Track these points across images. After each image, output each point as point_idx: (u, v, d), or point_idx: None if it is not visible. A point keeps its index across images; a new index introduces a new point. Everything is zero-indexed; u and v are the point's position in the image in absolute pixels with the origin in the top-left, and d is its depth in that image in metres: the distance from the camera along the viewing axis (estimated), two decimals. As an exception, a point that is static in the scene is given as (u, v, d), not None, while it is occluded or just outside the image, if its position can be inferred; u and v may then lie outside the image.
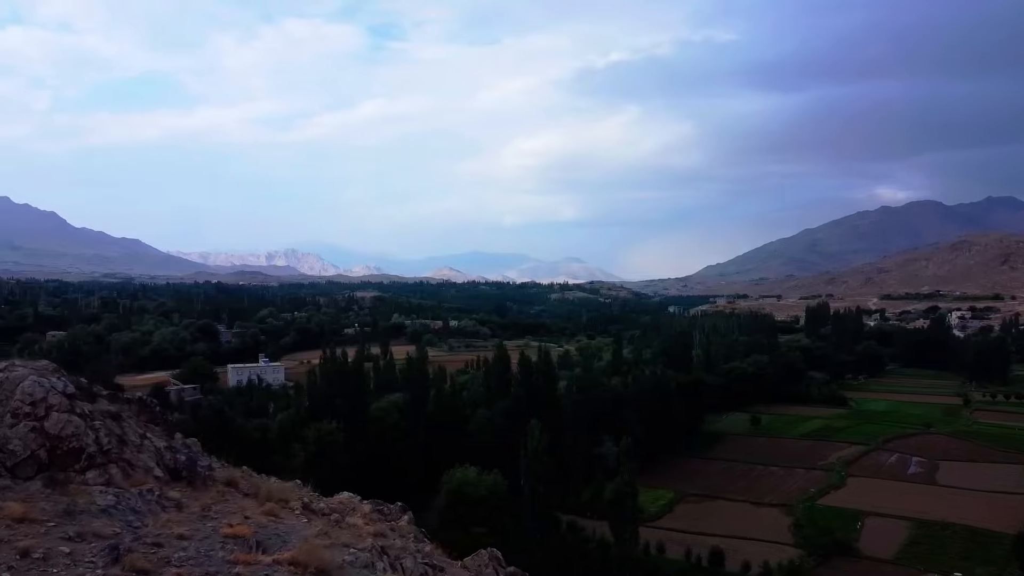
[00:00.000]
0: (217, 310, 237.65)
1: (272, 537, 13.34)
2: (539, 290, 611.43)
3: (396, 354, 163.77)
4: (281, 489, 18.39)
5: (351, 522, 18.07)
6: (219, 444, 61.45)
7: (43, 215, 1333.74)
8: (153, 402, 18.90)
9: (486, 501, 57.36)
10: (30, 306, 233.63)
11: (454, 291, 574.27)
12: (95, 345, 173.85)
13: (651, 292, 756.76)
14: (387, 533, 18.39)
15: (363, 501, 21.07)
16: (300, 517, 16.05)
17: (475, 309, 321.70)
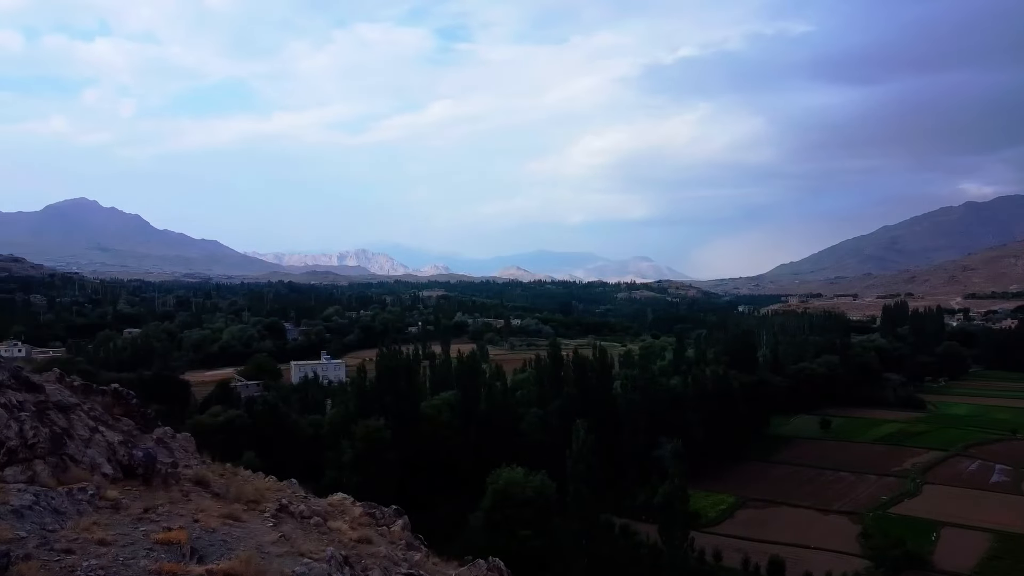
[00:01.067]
0: (285, 308, 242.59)
1: (216, 544, 11.97)
2: (606, 289, 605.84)
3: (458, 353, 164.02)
4: (258, 489, 17.13)
5: (334, 526, 16.68)
6: (272, 438, 61.09)
7: (128, 218, 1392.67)
8: (129, 394, 17.91)
9: (533, 502, 55.76)
10: (110, 305, 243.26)
11: (520, 290, 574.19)
12: (167, 342, 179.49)
13: (721, 292, 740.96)
14: (373, 539, 16.92)
15: (355, 503, 19.71)
16: (268, 521, 14.69)
17: (539, 308, 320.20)
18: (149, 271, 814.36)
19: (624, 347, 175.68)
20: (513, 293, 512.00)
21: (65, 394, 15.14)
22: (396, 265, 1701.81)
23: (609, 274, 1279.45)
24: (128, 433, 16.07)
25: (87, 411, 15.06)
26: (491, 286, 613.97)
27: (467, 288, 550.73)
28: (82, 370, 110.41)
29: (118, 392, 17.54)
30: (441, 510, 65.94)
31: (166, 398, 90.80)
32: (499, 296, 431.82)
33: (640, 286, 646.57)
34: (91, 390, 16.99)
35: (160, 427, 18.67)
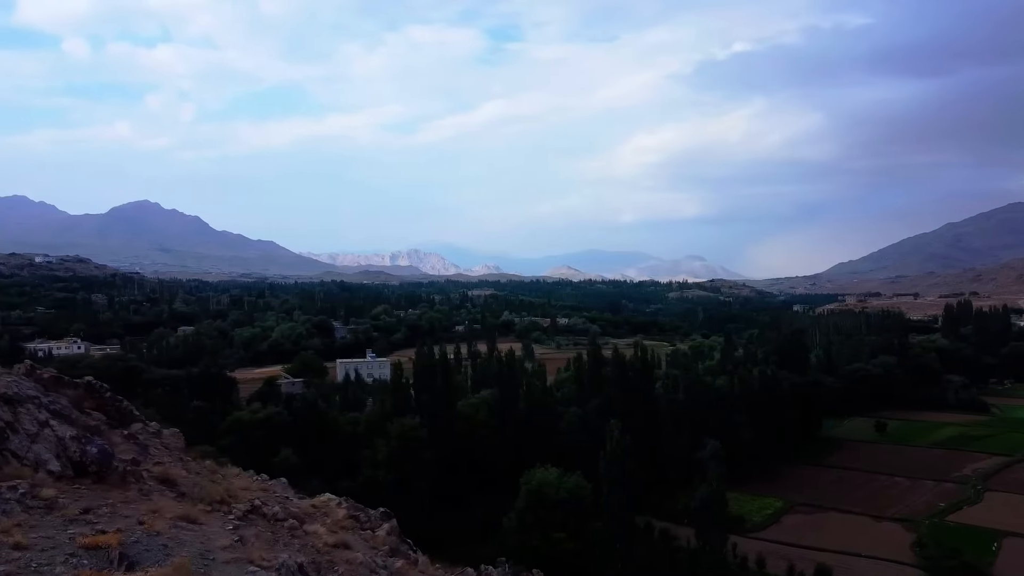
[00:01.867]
0: (334, 307, 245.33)
1: (155, 549, 11.04)
2: (657, 288, 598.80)
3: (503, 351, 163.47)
4: (230, 489, 16.26)
5: (310, 529, 15.72)
6: (309, 436, 60.75)
7: (188, 219, 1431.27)
8: (103, 387, 17.22)
9: (566, 504, 54.41)
10: (166, 303, 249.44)
11: (570, 289, 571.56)
12: (219, 339, 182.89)
13: (776, 291, 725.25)
14: (351, 544, 15.91)
15: (341, 505, 18.75)
16: (230, 523, 13.76)
17: (588, 307, 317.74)
18: (208, 271, 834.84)
19: (673, 347, 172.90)
20: (563, 292, 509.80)
21: (24, 386, 14.45)
22: (448, 265, 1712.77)
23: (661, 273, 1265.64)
24: (93, 428, 15.30)
25: (46, 404, 14.31)
26: (541, 285, 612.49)
27: (517, 287, 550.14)
28: (132, 366, 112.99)
29: (91, 385, 16.86)
30: (476, 510, 65.13)
31: (212, 394, 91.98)
32: (548, 296, 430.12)
33: (692, 285, 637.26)
34: (61, 383, 16.33)
35: (140, 422, 17.98)
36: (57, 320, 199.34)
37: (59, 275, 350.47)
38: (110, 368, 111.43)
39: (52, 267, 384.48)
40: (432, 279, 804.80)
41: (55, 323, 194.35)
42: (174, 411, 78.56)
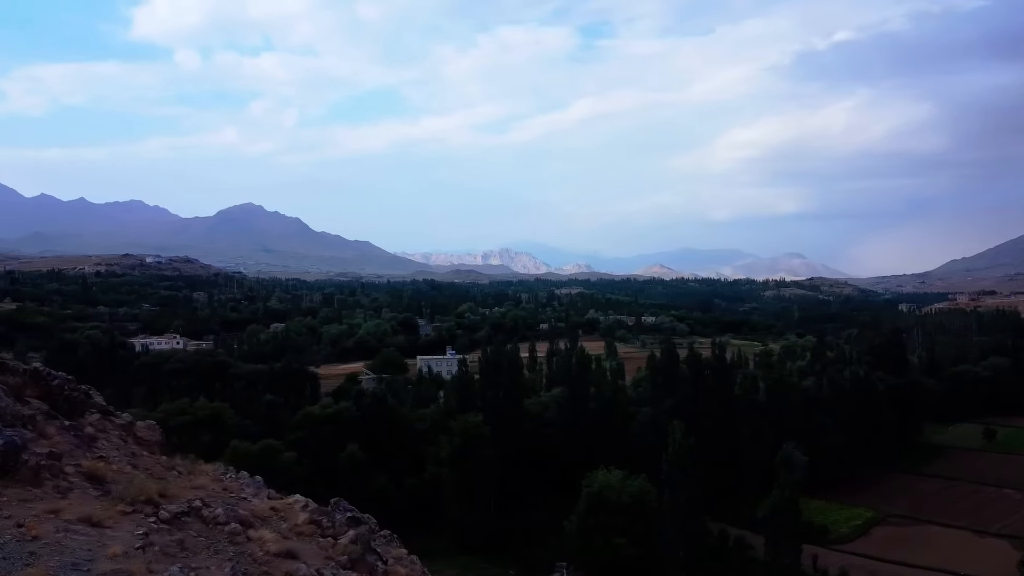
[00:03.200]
0: (420, 305, 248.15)
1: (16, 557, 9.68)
2: (752, 287, 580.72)
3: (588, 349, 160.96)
4: (168, 488, 14.85)
5: (255, 535, 14.06)
6: (377, 431, 60.20)
7: (289, 221, 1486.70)
8: (51, 374, 16.12)
9: (629, 509, 51.85)
10: (262, 301, 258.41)
11: (661, 288, 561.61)
12: (308, 336, 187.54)
13: (881, 290, 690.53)
14: (301, 553, 14.16)
15: (306, 507, 17.15)
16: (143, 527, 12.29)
17: (677, 306, 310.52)
18: (307, 271, 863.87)
19: (764, 346, 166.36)
20: (653, 291, 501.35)
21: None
22: (538, 264, 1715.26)
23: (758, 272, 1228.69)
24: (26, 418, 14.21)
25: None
26: (631, 284, 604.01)
27: (606, 286, 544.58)
28: (219, 361, 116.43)
29: (37, 372, 15.78)
30: (541, 511, 63.33)
31: (293, 389, 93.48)
32: (639, 294, 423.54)
33: (790, 283, 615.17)
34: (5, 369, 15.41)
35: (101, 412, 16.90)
36: (160, 317, 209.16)
37: (167, 274, 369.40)
38: (199, 362, 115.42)
39: (161, 267, 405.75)
40: (522, 278, 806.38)
41: (158, 319, 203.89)
42: (249, 405, 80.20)
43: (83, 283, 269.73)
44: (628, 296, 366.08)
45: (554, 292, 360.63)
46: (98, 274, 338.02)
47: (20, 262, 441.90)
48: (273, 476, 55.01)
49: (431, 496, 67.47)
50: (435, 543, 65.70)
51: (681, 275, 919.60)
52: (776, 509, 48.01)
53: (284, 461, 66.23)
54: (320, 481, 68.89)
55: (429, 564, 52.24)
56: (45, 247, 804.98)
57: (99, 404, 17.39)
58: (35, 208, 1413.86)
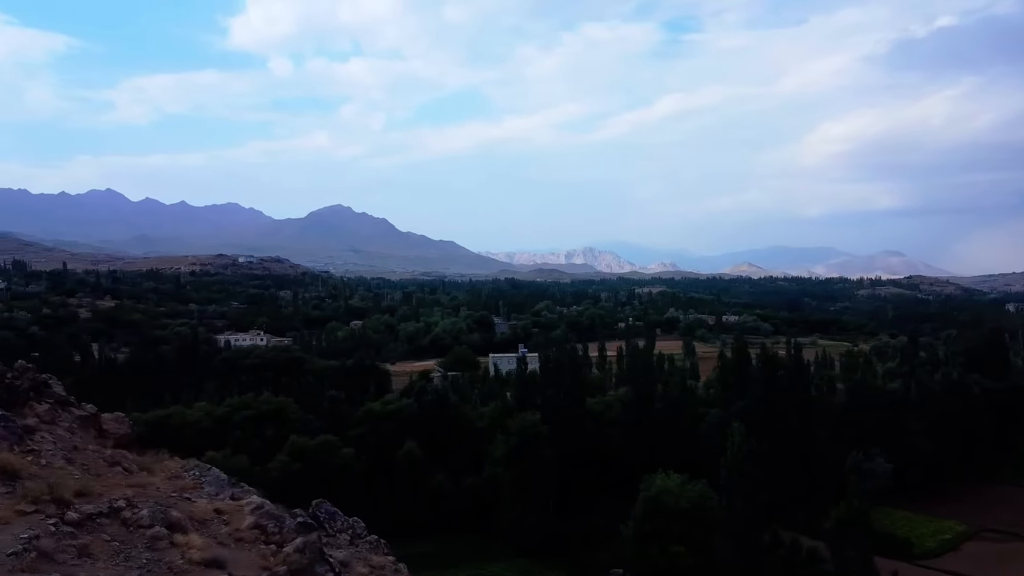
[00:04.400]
0: (497, 303, 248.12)
1: None
2: (845, 286, 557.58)
3: (666, 348, 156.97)
4: (87, 486, 13.68)
5: (181, 541, 12.73)
6: (436, 429, 59.20)
7: (376, 222, 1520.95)
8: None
9: (688, 515, 49.08)
10: (344, 299, 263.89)
11: (747, 287, 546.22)
12: (385, 333, 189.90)
13: (987, 288, 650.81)
14: (229, 561, 12.74)
15: (254, 511, 15.75)
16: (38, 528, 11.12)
17: (763, 305, 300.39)
18: (392, 270, 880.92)
19: (854, 347, 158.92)
20: (739, 290, 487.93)
21: None
22: (622, 263, 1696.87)
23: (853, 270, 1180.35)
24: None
25: None
26: (716, 283, 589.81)
27: (691, 285, 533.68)
28: (295, 357, 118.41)
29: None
30: (600, 514, 61.06)
31: (360, 386, 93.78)
32: (724, 293, 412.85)
33: (886, 282, 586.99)
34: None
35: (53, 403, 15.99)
36: (246, 314, 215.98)
37: (257, 273, 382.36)
38: (276, 358, 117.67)
39: (252, 266, 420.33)
40: (604, 277, 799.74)
41: (244, 317, 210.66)
42: (314, 401, 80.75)
43: (177, 282, 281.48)
44: (711, 295, 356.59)
45: (634, 291, 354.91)
46: (193, 273, 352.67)
47: (125, 262, 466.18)
48: (330, 472, 54.05)
49: (489, 496, 66.16)
50: (492, 544, 64.43)
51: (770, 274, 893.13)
52: (843, 520, 44.41)
53: (342, 457, 66.16)
54: (378, 478, 68.71)
55: (484, 566, 50.37)
56: (149, 248, 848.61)
57: (57, 395, 16.41)
58: (140, 212, 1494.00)
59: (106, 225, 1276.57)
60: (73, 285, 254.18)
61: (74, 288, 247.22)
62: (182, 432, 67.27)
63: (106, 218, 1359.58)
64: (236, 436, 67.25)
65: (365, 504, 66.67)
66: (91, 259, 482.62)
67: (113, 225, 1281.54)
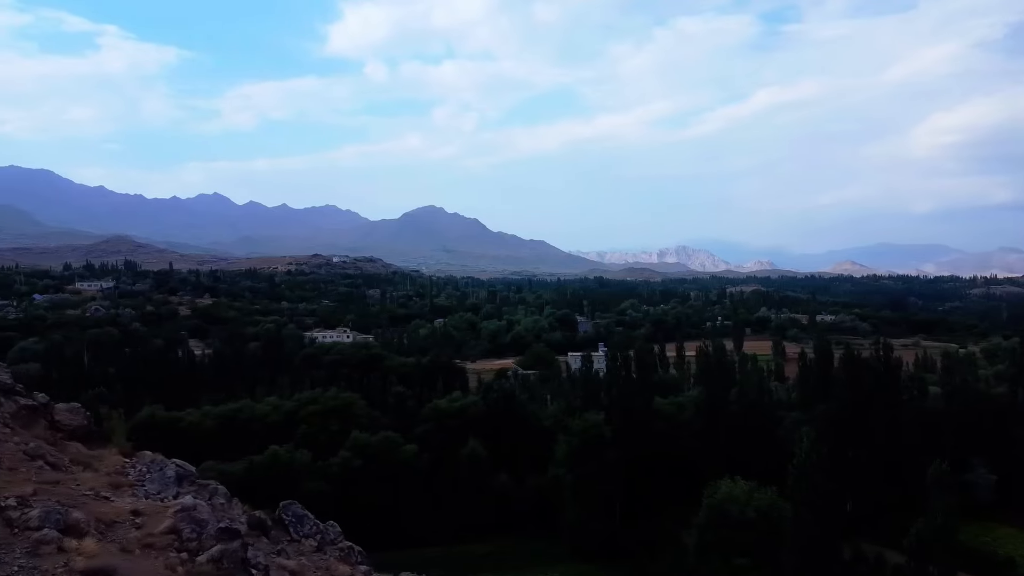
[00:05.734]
0: (581, 302, 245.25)
1: None
2: (956, 285, 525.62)
3: (755, 349, 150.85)
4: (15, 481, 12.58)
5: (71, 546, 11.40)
6: (502, 427, 57.65)
7: (468, 222, 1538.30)
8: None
9: (755, 525, 45.74)
10: (430, 298, 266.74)
11: (849, 285, 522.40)
12: (466, 331, 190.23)
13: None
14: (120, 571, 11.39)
15: (176, 513, 14.29)
16: None
17: (863, 304, 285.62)
18: (483, 270, 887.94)
19: (962, 349, 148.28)
20: (839, 289, 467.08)
21: None
22: (717, 261, 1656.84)
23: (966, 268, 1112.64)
24: None
25: None
26: (815, 281, 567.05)
27: (788, 284, 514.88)
28: (374, 354, 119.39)
29: None
30: (667, 520, 58.15)
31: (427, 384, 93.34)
32: (822, 292, 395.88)
33: (1003, 281, 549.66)
34: None
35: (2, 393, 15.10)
36: (334, 312, 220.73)
37: (349, 273, 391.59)
38: (355, 354, 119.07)
39: (345, 266, 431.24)
40: (697, 275, 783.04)
41: (332, 314, 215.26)
42: (382, 397, 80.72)
43: (271, 281, 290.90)
44: (807, 294, 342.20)
45: (725, 290, 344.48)
46: (288, 273, 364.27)
47: (228, 263, 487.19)
48: (391, 469, 52.78)
49: (552, 497, 64.19)
50: (554, 547, 62.39)
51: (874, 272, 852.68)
52: (923, 536, 40.13)
53: (404, 454, 65.50)
54: (441, 476, 67.74)
55: (545, 569, 47.68)
56: (252, 249, 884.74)
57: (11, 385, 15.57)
58: (245, 214, 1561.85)
59: (213, 228, 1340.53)
60: (176, 284, 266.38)
61: (176, 287, 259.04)
62: (250, 426, 68.29)
63: (213, 221, 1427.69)
64: (302, 431, 67.63)
65: (426, 502, 66.05)
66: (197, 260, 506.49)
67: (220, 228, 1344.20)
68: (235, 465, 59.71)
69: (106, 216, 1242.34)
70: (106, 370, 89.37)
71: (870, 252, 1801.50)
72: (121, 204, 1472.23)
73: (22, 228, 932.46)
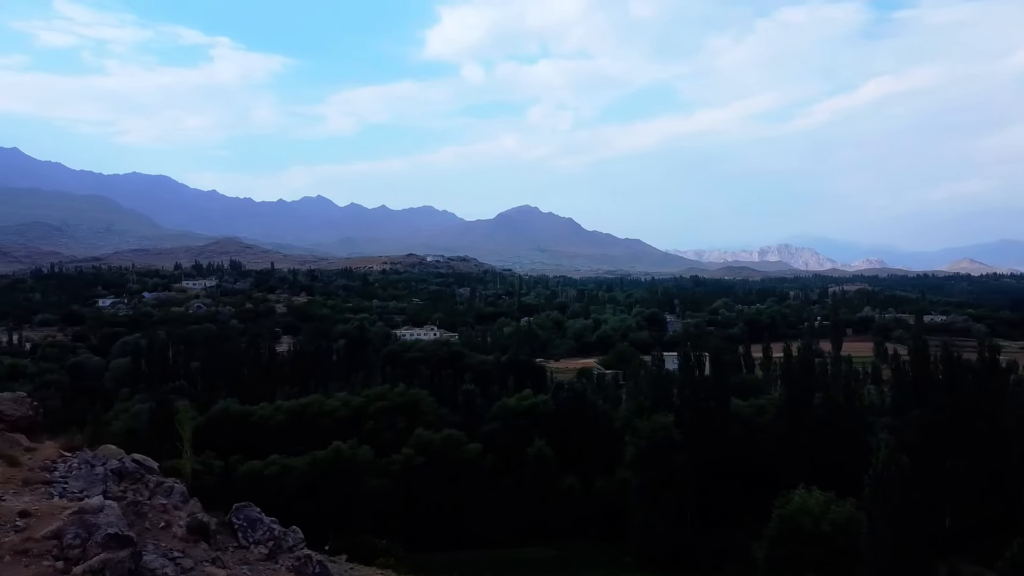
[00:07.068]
0: (672, 301, 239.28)
1: None
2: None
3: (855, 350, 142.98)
4: None
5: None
6: (571, 427, 55.89)
7: (562, 221, 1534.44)
8: None
9: (831, 540, 41.94)
10: (518, 296, 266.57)
11: (965, 284, 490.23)
12: (552, 330, 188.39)
13: None
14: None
15: (71, 516, 12.98)
16: None
17: (981, 304, 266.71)
18: (577, 269, 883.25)
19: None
20: (954, 288, 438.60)
21: None
22: (822, 260, 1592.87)
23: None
24: None
25: None
26: (927, 280, 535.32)
27: (898, 283, 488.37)
28: (455, 351, 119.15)
29: None
30: (738, 531, 54.53)
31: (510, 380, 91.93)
32: (936, 291, 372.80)
33: None
34: None
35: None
36: (423, 310, 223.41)
37: (441, 272, 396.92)
38: (437, 352, 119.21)
39: (438, 265, 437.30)
40: (799, 274, 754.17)
41: (421, 312, 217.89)
42: (452, 394, 79.83)
43: (364, 280, 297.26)
44: (918, 293, 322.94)
45: (827, 289, 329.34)
46: (383, 272, 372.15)
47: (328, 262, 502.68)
48: (454, 468, 51.32)
49: (620, 502, 61.61)
50: (621, 553, 59.77)
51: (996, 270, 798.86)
52: (1019, 561, 35.51)
53: (467, 452, 64.27)
54: (506, 476, 66.19)
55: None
56: (353, 250, 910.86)
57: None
58: (346, 216, 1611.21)
59: (317, 229, 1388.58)
60: (275, 283, 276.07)
61: (275, 285, 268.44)
62: (318, 421, 68.61)
63: (317, 223, 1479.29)
64: (368, 427, 67.42)
65: (490, 503, 64.63)
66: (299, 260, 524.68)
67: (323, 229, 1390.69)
68: (299, 460, 59.97)
69: (218, 219, 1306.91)
70: (189, 364, 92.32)
71: (991, 250, 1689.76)
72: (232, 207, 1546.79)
73: (143, 231, 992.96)
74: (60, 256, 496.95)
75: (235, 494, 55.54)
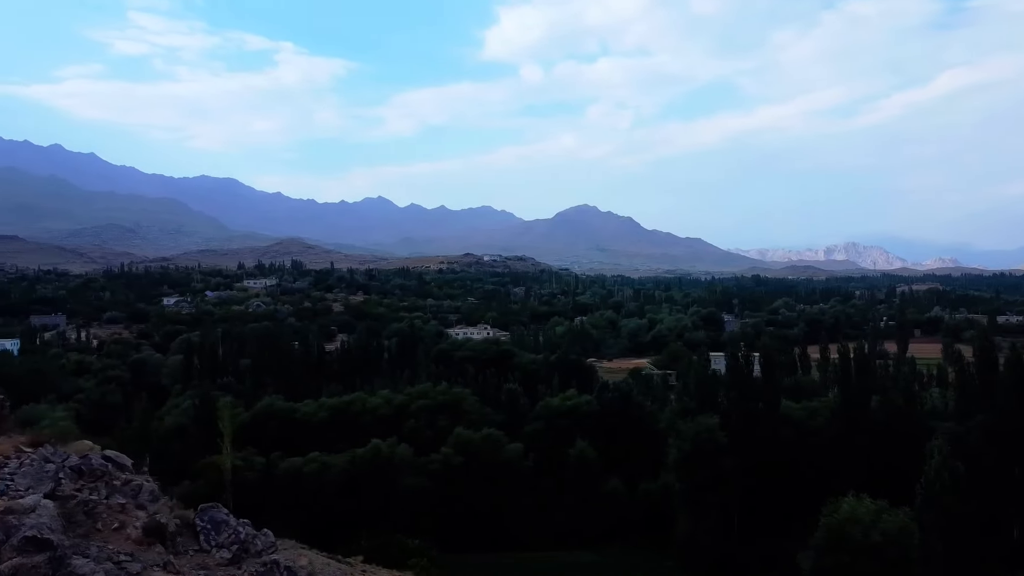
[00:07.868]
0: (731, 300, 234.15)
1: None
2: None
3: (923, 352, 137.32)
4: None
5: None
6: (616, 428, 54.70)
7: (622, 221, 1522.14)
8: None
9: (882, 551, 39.52)
10: (573, 295, 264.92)
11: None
12: (605, 329, 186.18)
13: None
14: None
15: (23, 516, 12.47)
16: None
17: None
18: (636, 268, 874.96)
19: None
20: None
21: None
22: (891, 259, 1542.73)
23: None
24: None
25: None
26: (1005, 280, 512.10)
27: (972, 282, 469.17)
28: (504, 350, 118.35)
29: None
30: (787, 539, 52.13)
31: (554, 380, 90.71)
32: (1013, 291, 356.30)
33: None
34: None
35: None
36: (476, 309, 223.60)
37: (497, 271, 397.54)
38: (485, 351, 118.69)
39: (494, 265, 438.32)
40: (867, 273, 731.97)
41: (475, 311, 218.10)
42: (496, 394, 78.88)
43: (420, 279, 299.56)
44: (992, 293, 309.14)
45: (894, 288, 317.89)
46: (440, 271, 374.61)
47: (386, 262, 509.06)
48: (493, 468, 50.10)
49: (664, 506, 59.70)
50: (664, 560, 57.90)
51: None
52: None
53: (507, 453, 63.22)
54: (548, 477, 64.90)
55: None
56: (413, 250, 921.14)
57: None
58: (406, 216, 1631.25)
59: (377, 229, 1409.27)
60: (333, 282, 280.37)
61: (333, 284, 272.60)
62: (360, 419, 68.54)
63: (377, 223, 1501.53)
64: (409, 425, 67.02)
65: (530, 504, 63.48)
66: (359, 259, 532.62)
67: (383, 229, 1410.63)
68: (338, 457, 59.86)
69: (283, 220, 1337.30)
70: (238, 361, 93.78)
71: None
72: (296, 208, 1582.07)
73: (211, 232, 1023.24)
74: (132, 257, 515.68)
75: (275, 491, 55.12)
